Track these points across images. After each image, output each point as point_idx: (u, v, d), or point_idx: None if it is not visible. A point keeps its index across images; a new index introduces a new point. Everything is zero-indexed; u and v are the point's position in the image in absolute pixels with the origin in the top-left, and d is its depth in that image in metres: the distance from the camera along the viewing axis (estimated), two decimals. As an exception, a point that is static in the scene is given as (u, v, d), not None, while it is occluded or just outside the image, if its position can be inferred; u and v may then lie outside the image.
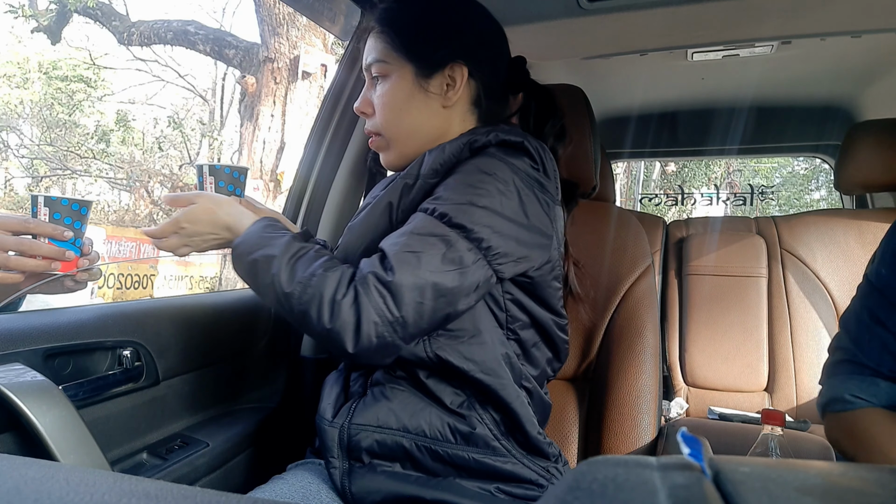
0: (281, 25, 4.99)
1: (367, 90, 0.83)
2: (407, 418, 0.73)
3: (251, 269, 0.70)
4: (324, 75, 5.19)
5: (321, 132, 1.24)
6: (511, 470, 0.73)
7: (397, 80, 0.79)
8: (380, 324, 0.64)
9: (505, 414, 0.75)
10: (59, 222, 0.78)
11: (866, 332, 0.79)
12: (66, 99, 11.17)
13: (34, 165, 11.58)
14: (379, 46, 0.80)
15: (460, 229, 0.67)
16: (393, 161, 0.83)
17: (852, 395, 0.78)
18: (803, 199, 13.25)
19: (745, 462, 0.23)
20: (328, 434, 0.77)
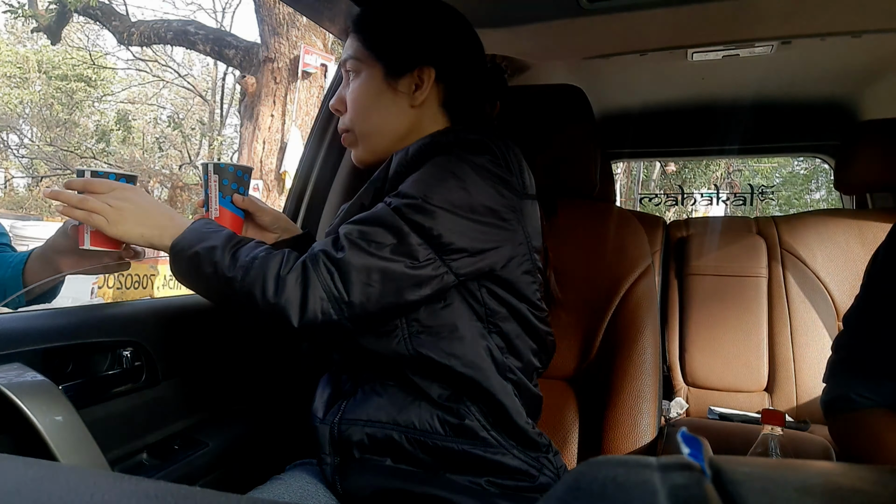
0: (281, 25, 4.99)
1: (342, 88, 0.86)
2: (396, 412, 0.74)
3: (192, 263, 0.71)
4: (324, 75, 5.19)
5: (321, 132, 1.24)
6: (501, 461, 0.73)
7: (367, 78, 0.82)
8: (325, 300, 0.66)
9: (492, 405, 0.75)
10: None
11: (869, 330, 0.79)
12: (66, 99, 11.17)
13: (34, 165, 11.57)
14: (353, 45, 0.83)
15: (413, 224, 0.68)
16: (362, 157, 0.86)
17: (857, 394, 0.77)
18: (803, 199, 13.26)
19: (745, 462, 0.23)
20: (319, 431, 0.78)
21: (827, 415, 0.84)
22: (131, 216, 0.76)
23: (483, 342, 0.76)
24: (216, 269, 0.69)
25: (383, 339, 0.73)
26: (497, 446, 0.74)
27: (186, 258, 0.72)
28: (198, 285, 0.74)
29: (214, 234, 0.73)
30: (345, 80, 0.85)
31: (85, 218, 0.76)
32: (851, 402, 0.78)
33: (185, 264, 0.72)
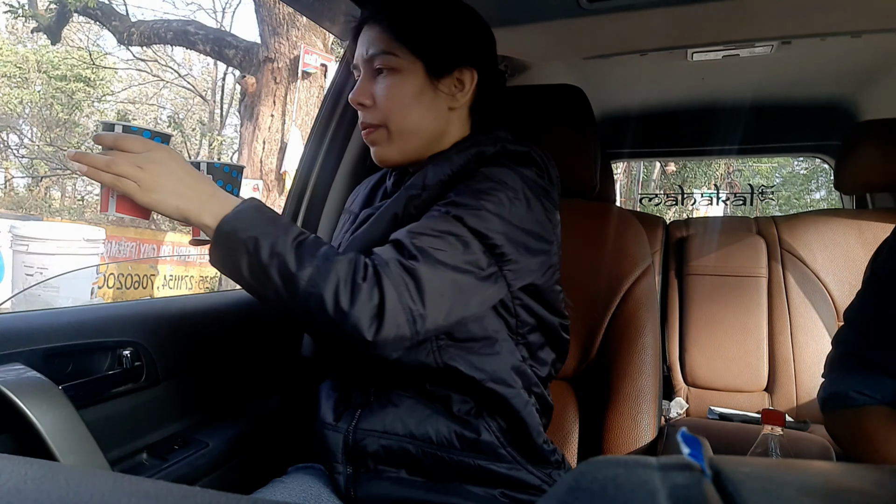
0: (281, 25, 4.99)
1: (365, 81, 0.79)
2: (413, 425, 0.73)
3: (244, 249, 0.62)
4: (324, 75, 5.19)
5: (321, 132, 1.24)
6: (515, 476, 0.74)
7: (408, 75, 0.77)
8: (401, 312, 0.61)
9: (513, 423, 0.75)
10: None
11: (872, 325, 0.78)
12: (66, 99, 11.17)
13: (34, 165, 11.58)
14: (385, 38, 0.77)
15: (477, 233, 0.66)
16: (389, 156, 0.81)
17: (856, 391, 0.77)
18: (803, 199, 13.26)
19: (745, 462, 0.23)
20: (331, 439, 0.76)
21: (824, 410, 0.84)
22: (167, 182, 0.65)
23: (513, 357, 0.76)
24: (278, 261, 0.61)
25: (412, 351, 0.70)
26: (512, 462, 0.74)
27: (239, 242, 0.63)
28: (248, 277, 0.63)
29: (276, 219, 0.65)
30: (367, 73, 0.79)
31: (113, 182, 0.64)
32: (849, 398, 0.77)
33: (237, 249, 0.63)
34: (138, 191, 0.65)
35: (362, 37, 0.79)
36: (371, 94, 0.78)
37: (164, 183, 0.65)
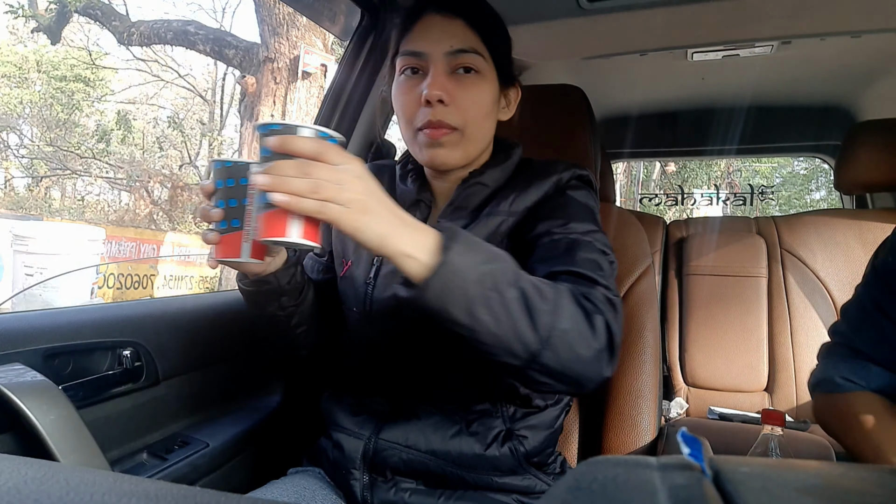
0: (281, 25, 4.99)
1: (443, 77, 0.73)
2: (438, 442, 0.73)
3: (481, 281, 0.54)
4: (324, 75, 5.19)
5: (321, 132, 1.24)
6: (528, 485, 0.76)
7: (490, 81, 0.76)
8: (618, 342, 0.60)
9: (539, 442, 0.77)
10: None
11: (866, 318, 0.80)
12: (66, 99, 11.17)
13: (34, 165, 11.58)
14: (472, 36, 0.74)
15: (605, 254, 0.69)
16: (453, 161, 0.75)
17: (843, 377, 0.80)
18: (803, 199, 13.26)
19: (745, 462, 0.23)
20: (350, 444, 0.76)
21: (813, 395, 0.87)
22: (373, 204, 0.54)
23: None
24: (520, 296, 0.55)
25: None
26: (526, 474, 0.76)
27: (471, 282, 0.53)
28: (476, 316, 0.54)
29: (491, 248, 0.58)
30: (444, 68, 0.73)
31: (318, 209, 0.51)
32: (835, 384, 0.80)
33: (470, 290, 0.53)
34: (345, 215, 0.52)
35: (432, 27, 0.74)
36: (450, 92, 0.72)
37: (371, 205, 0.54)
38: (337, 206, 0.52)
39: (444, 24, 0.74)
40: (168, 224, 10.18)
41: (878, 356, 0.78)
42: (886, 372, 0.78)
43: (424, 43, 0.74)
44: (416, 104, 0.74)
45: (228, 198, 0.63)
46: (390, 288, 0.77)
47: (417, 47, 0.74)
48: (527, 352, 0.56)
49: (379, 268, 0.79)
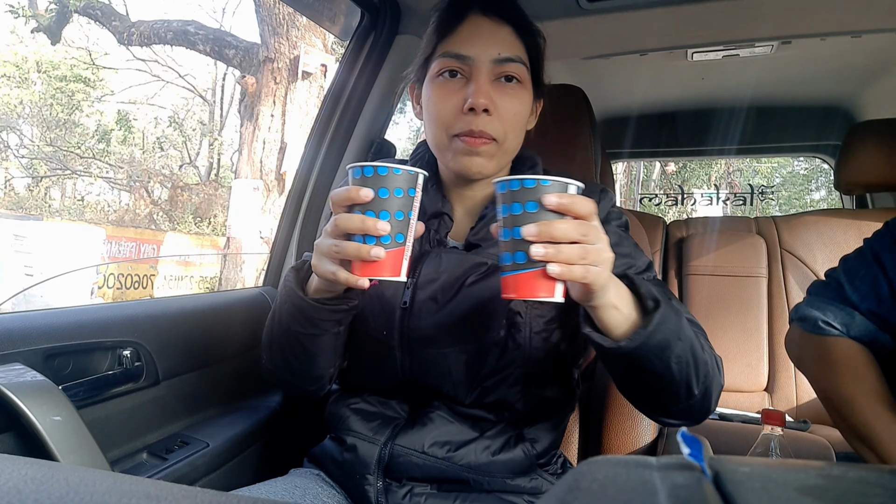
0: (281, 25, 4.99)
1: (488, 85, 0.70)
2: (454, 448, 0.74)
3: (678, 336, 0.59)
4: (324, 75, 5.19)
5: (321, 132, 1.24)
6: (535, 486, 0.77)
7: (529, 92, 0.75)
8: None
9: (549, 443, 0.79)
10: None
11: (863, 267, 0.83)
12: (66, 99, 11.17)
13: (34, 165, 11.57)
14: (518, 45, 0.73)
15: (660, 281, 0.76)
16: (488, 171, 0.74)
17: (825, 321, 0.83)
18: (803, 199, 13.25)
19: (745, 462, 0.23)
20: (365, 450, 0.76)
21: (792, 323, 0.91)
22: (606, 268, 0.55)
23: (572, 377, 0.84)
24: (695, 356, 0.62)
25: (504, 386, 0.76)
26: (537, 477, 0.77)
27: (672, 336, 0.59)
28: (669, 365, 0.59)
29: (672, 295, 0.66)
30: (488, 76, 0.71)
31: (583, 276, 0.53)
32: (818, 327, 0.84)
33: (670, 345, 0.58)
34: (601, 276, 0.54)
35: (480, 30, 0.72)
36: (494, 102, 0.70)
37: (612, 257, 0.56)
38: (597, 269, 0.53)
39: (493, 28, 0.72)
40: (168, 224, 10.18)
41: (863, 306, 0.81)
42: (868, 322, 0.81)
43: (471, 46, 0.71)
44: (455, 110, 0.70)
45: (395, 209, 0.57)
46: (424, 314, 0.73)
47: (463, 50, 0.71)
48: (689, 397, 0.63)
49: (414, 293, 0.74)
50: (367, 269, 0.58)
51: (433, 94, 0.73)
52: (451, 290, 0.73)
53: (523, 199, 0.53)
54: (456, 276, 0.73)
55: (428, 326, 0.73)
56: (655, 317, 0.57)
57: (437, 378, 0.75)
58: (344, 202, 0.58)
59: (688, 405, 0.64)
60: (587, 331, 0.60)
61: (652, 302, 0.59)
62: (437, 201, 0.78)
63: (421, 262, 0.76)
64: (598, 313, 0.58)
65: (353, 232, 0.58)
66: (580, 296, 0.57)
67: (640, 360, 0.58)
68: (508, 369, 0.74)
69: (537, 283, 0.53)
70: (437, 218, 0.78)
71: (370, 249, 0.56)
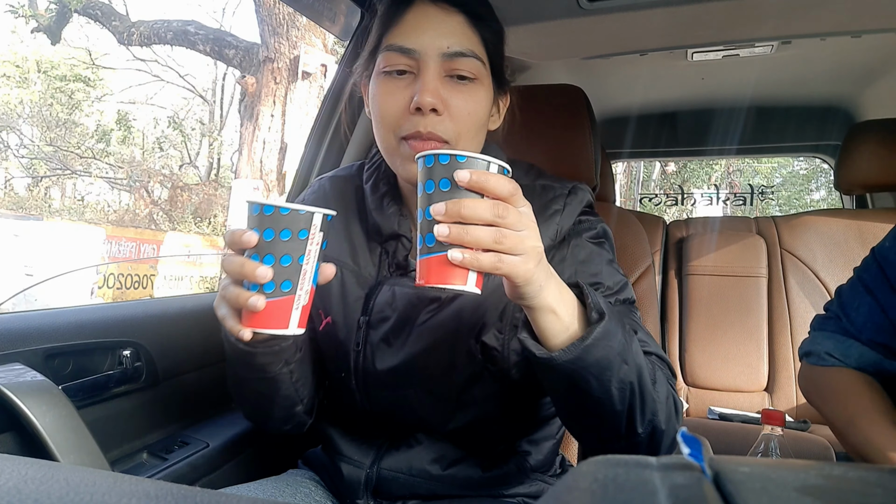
0: (281, 25, 4.99)
1: (437, 81, 0.63)
2: (442, 469, 0.72)
3: (617, 357, 0.53)
4: (324, 75, 5.19)
5: (321, 132, 1.24)
6: (536, 490, 0.76)
7: (486, 88, 0.66)
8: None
9: (544, 455, 0.77)
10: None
11: (857, 298, 0.84)
12: (66, 99, 11.17)
13: (34, 165, 11.57)
14: (472, 37, 0.65)
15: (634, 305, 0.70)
16: None
17: (828, 353, 0.85)
18: (803, 199, 13.25)
19: (745, 462, 0.23)
20: (351, 473, 0.74)
21: (803, 362, 0.92)
22: (542, 253, 0.51)
23: None
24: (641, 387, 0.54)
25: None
26: (536, 482, 0.76)
27: (614, 356, 0.52)
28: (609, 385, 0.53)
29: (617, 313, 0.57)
30: (438, 71, 0.63)
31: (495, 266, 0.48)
32: (821, 359, 0.85)
33: (612, 365, 0.52)
34: (521, 266, 0.48)
35: (427, 20, 0.64)
36: (444, 101, 0.63)
37: (541, 252, 0.51)
38: (514, 258, 0.48)
39: (441, 18, 0.64)
40: (168, 224, 10.18)
41: (864, 336, 0.82)
42: (871, 351, 0.81)
43: (417, 39, 0.63)
44: (402, 110, 0.63)
45: (281, 254, 0.51)
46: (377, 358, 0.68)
47: (408, 43, 0.63)
48: (630, 434, 0.56)
49: (367, 334, 0.69)
50: (249, 318, 0.52)
51: (378, 91, 0.65)
52: (402, 330, 0.67)
53: (437, 176, 0.48)
54: (406, 314, 0.67)
55: (383, 370, 0.68)
56: (596, 329, 0.51)
57: (403, 416, 0.72)
58: (231, 244, 0.52)
59: (630, 444, 0.57)
60: (522, 336, 0.54)
61: (596, 314, 0.52)
62: (394, 220, 0.70)
63: (374, 296, 0.69)
64: (534, 316, 0.52)
65: (234, 277, 0.52)
66: (508, 290, 0.52)
67: (575, 378, 0.52)
68: (486, 403, 0.69)
69: (446, 269, 0.47)
70: (395, 240, 0.70)
71: (248, 298, 0.50)
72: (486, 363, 0.67)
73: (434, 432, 0.73)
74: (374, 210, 0.71)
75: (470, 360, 0.67)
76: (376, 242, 0.72)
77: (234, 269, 0.52)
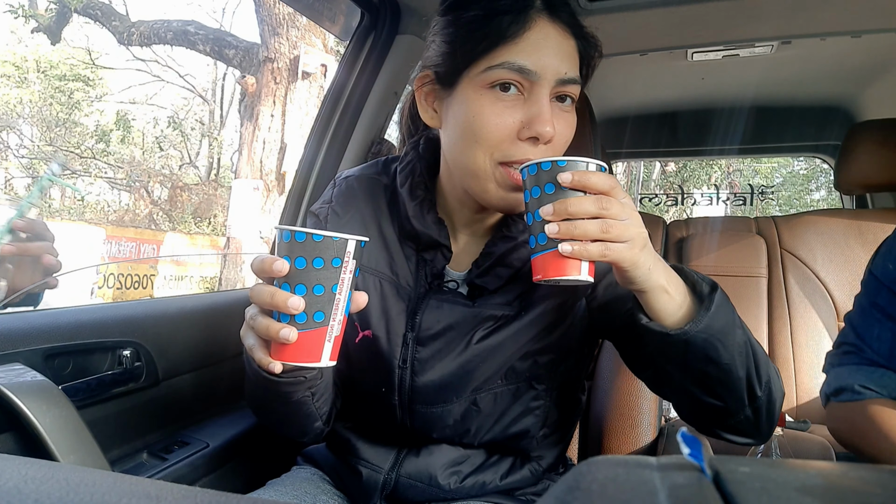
0: (281, 25, 4.99)
1: (549, 106, 0.60)
2: (461, 479, 0.72)
3: (734, 322, 0.57)
4: (324, 75, 5.19)
5: (321, 132, 1.24)
6: (542, 489, 0.77)
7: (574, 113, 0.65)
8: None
9: (555, 458, 0.78)
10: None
11: (876, 327, 0.79)
12: (66, 99, 11.17)
13: (34, 165, 11.57)
14: (577, 61, 0.63)
15: None
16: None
17: (861, 385, 0.77)
18: (803, 199, 13.26)
19: (745, 462, 0.23)
20: (369, 478, 0.73)
21: (828, 403, 0.84)
22: (648, 239, 0.55)
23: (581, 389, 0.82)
24: (754, 352, 0.58)
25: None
26: (544, 482, 0.77)
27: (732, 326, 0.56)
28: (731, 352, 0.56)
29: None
30: (546, 94, 0.60)
31: (603, 253, 0.51)
32: (857, 392, 0.78)
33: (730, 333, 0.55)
34: (627, 252, 0.52)
35: (547, 41, 0.60)
36: (555, 128, 0.60)
37: (647, 238, 0.55)
38: (620, 245, 0.51)
39: (559, 41, 0.61)
40: (168, 224, 10.18)
41: (893, 364, 0.76)
42: None
43: (539, 60, 0.59)
44: (510, 133, 0.59)
45: (314, 283, 0.49)
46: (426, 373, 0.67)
47: (530, 64, 0.59)
48: (751, 396, 0.58)
49: (415, 350, 0.68)
50: (279, 351, 0.51)
51: (482, 108, 0.60)
52: (456, 347, 0.67)
53: (542, 182, 0.53)
54: (462, 331, 0.67)
55: (431, 386, 0.67)
56: (716, 297, 0.55)
57: (441, 430, 0.71)
58: (259, 273, 0.51)
59: (753, 410, 0.59)
60: (645, 321, 0.56)
61: (707, 285, 0.57)
62: (433, 229, 0.68)
63: (420, 312, 0.68)
64: (647, 299, 0.55)
65: (263, 307, 0.51)
66: (619, 278, 0.55)
67: (706, 349, 0.54)
68: (524, 419, 0.71)
69: (558, 262, 0.52)
70: (434, 249, 0.69)
71: (279, 330, 0.49)
72: (533, 380, 0.70)
73: (463, 444, 0.73)
74: (414, 217, 0.69)
75: (517, 376, 0.69)
76: (411, 249, 0.71)
77: (263, 299, 0.50)
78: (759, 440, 0.64)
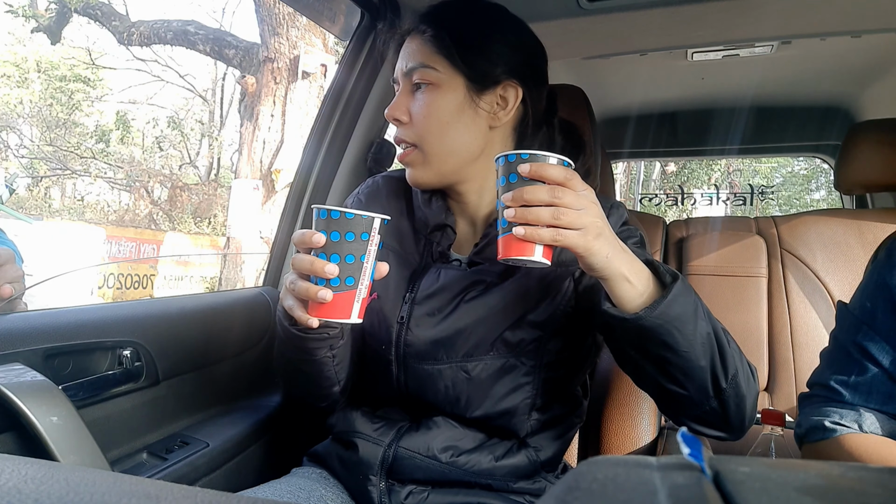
0: (281, 25, 4.99)
1: (403, 96, 0.75)
2: (458, 454, 0.74)
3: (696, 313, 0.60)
4: (324, 75, 5.19)
5: (321, 132, 1.24)
6: (539, 488, 0.77)
7: (447, 91, 0.72)
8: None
9: (554, 452, 0.79)
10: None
11: (855, 368, 0.74)
12: (66, 99, 11.17)
13: (34, 165, 11.57)
14: (426, 50, 0.73)
15: None
16: (425, 179, 0.76)
17: (834, 423, 0.74)
18: (803, 199, 13.26)
19: (745, 462, 0.23)
20: (369, 450, 0.76)
21: (803, 446, 0.80)
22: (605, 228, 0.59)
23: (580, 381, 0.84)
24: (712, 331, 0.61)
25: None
26: (541, 480, 0.78)
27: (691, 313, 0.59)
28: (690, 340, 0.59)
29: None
30: (405, 87, 0.75)
31: (553, 238, 0.56)
32: (828, 430, 0.74)
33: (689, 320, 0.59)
34: (579, 239, 0.57)
35: (404, 49, 0.76)
36: (408, 110, 0.74)
37: (603, 228, 0.58)
38: (573, 232, 0.56)
39: (408, 44, 0.76)
40: (168, 224, 10.18)
41: (870, 404, 0.73)
42: (885, 418, 0.72)
43: (396, 68, 0.77)
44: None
45: (346, 253, 0.59)
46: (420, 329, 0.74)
47: (394, 73, 0.78)
48: (715, 388, 0.62)
49: (412, 309, 0.75)
50: (316, 309, 0.60)
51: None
52: (448, 305, 0.74)
53: (508, 172, 0.59)
54: (454, 291, 0.74)
55: (423, 341, 0.74)
56: (674, 287, 0.59)
57: (434, 394, 0.75)
58: (300, 244, 0.60)
59: (719, 402, 0.62)
60: (606, 306, 0.61)
61: (670, 276, 0.61)
62: (440, 213, 0.78)
63: (420, 277, 0.77)
64: (609, 286, 0.60)
65: (303, 273, 0.61)
66: (581, 265, 0.60)
67: (662, 335, 0.58)
68: (513, 396, 0.74)
69: (515, 244, 0.58)
70: (440, 230, 0.79)
71: (318, 291, 0.58)
72: (521, 356, 0.73)
73: (457, 417, 0.75)
74: (423, 205, 0.79)
75: (507, 349, 0.73)
76: (422, 234, 0.80)
77: (304, 265, 0.59)
78: (732, 435, 0.67)
